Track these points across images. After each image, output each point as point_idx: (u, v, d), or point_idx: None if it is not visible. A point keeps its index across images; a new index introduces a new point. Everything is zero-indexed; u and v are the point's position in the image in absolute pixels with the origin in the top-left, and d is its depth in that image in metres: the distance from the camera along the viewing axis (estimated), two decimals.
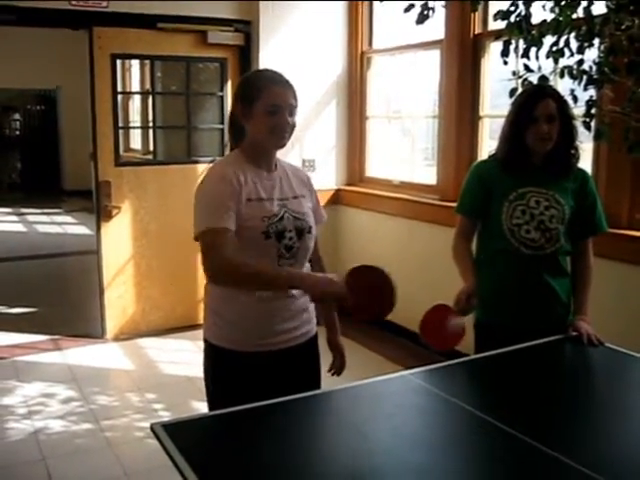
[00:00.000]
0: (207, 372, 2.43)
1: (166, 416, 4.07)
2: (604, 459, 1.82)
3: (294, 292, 2.32)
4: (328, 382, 2.49)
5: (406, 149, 6.09)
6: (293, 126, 2.31)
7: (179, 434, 1.86)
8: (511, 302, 2.74)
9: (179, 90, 5.85)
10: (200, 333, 2.45)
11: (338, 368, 2.64)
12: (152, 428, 1.89)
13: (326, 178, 6.01)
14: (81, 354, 5.19)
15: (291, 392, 2.16)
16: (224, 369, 2.37)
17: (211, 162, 5.56)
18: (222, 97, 5.73)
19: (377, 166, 6.08)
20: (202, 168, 5.66)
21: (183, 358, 5.02)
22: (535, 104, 2.64)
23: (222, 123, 5.73)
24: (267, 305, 2.29)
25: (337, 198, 6.09)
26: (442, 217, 4.74)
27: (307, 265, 2.44)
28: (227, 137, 2.54)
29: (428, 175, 5.51)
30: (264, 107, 2.25)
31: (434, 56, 5.27)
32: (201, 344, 2.43)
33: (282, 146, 2.34)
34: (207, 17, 5.49)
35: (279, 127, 2.27)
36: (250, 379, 2.31)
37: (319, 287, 2.13)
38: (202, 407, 4.10)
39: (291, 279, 2.18)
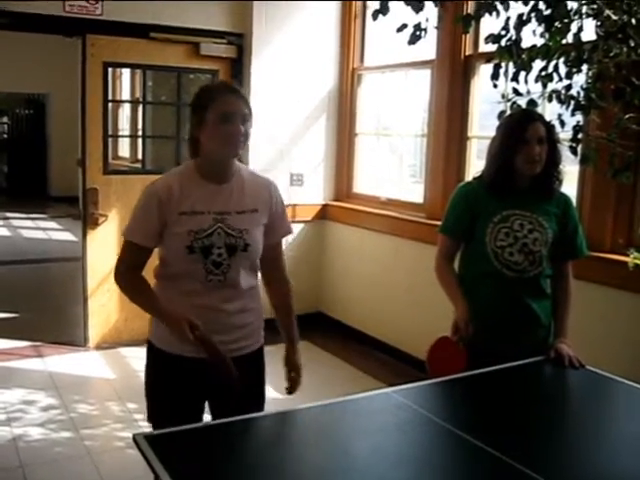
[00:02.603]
0: (145, 370, 2.52)
1: (146, 426, 4.03)
2: None
3: (225, 307, 2.37)
4: (308, 398, 2.48)
5: (394, 166, 6.12)
6: (247, 135, 2.29)
7: (161, 445, 1.86)
8: (492, 323, 2.74)
9: (169, 100, 5.86)
10: None
11: (291, 386, 2.53)
12: (134, 438, 1.89)
13: (314, 193, 6.04)
14: (63, 361, 5.16)
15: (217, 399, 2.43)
16: (160, 369, 2.46)
17: None
18: None
19: (365, 182, 6.11)
20: None
21: None
22: (526, 127, 2.66)
23: None
24: (199, 312, 2.30)
25: (324, 213, 6.11)
26: (428, 235, 4.74)
27: (251, 282, 2.43)
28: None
29: (415, 193, 5.54)
30: (215, 115, 2.24)
31: (425, 75, 5.31)
32: None
33: (235, 155, 2.32)
34: (200, 29, 5.50)
35: (232, 135, 2.25)
36: (183, 382, 2.37)
37: (173, 328, 2.28)
38: None
39: (159, 314, 2.39)
